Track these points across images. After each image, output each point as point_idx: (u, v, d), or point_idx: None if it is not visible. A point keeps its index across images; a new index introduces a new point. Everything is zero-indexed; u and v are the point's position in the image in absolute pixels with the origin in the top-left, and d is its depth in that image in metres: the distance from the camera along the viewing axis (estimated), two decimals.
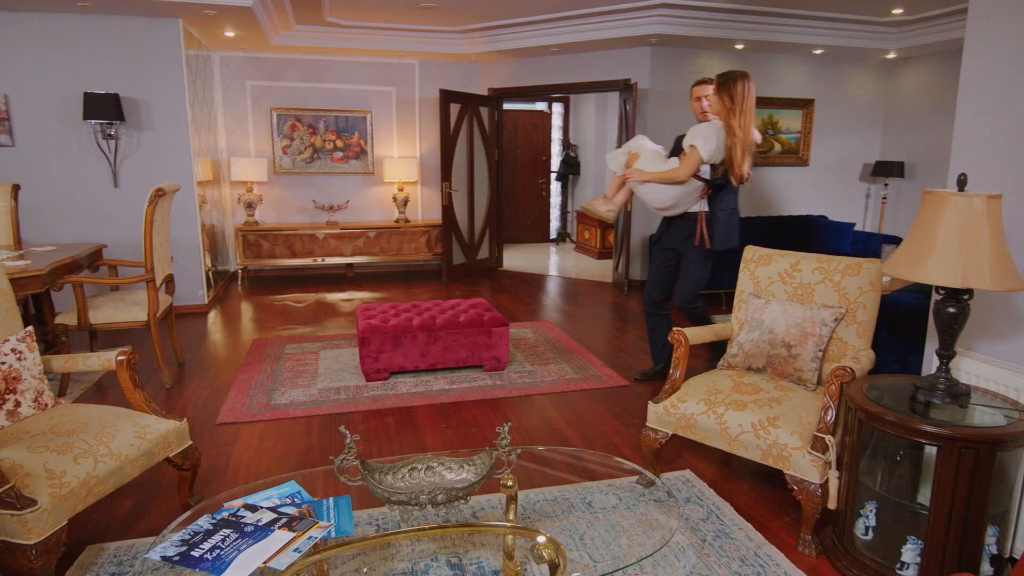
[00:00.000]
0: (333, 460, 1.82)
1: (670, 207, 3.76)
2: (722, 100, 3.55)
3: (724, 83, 3.57)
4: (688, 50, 6.75)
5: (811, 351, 2.68)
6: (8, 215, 4.40)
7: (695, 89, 3.90)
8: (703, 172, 3.65)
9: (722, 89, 3.56)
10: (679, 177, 3.60)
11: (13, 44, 5.13)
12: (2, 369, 2.31)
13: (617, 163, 3.86)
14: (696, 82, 3.92)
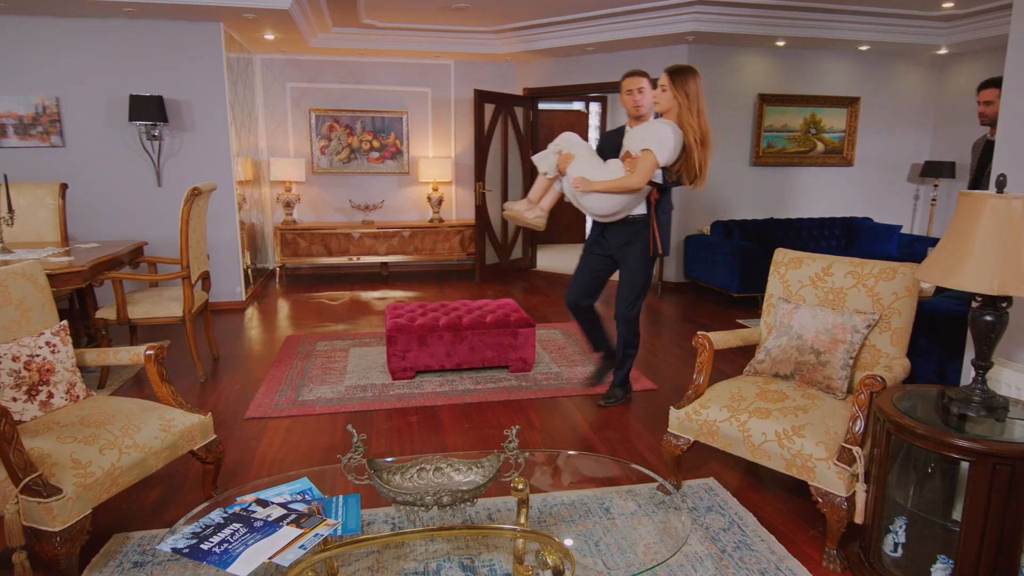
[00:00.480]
0: (340, 458, 1.83)
1: (614, 214, 3.44)
2: (677, 97, 3.22)
3: (679, 78, 3.22)
4: (726, 48, 6.61)
5: (841, 358, 2.58)
6: (56, 213, 4.58)
7: (627, 81, 3.47)
8: (655, 176, 3.32)
9: (677, 85, 3.21)
10: (635, 186, 3.25)
11: (64, 49, 5.34)
12: (36, 361, 2.40)
13: (548, 164, 3.45)
14: (628, 73, 3.49)
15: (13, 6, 4.95)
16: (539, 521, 2.52)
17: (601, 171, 3.33)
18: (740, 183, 7.01)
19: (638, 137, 3.28)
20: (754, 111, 6.86)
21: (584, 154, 3.37)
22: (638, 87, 3.44)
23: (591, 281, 3.69)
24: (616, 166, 3.34)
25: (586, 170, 3.32)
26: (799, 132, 7.02)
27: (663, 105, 3.27)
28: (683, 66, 3.28)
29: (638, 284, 3.56)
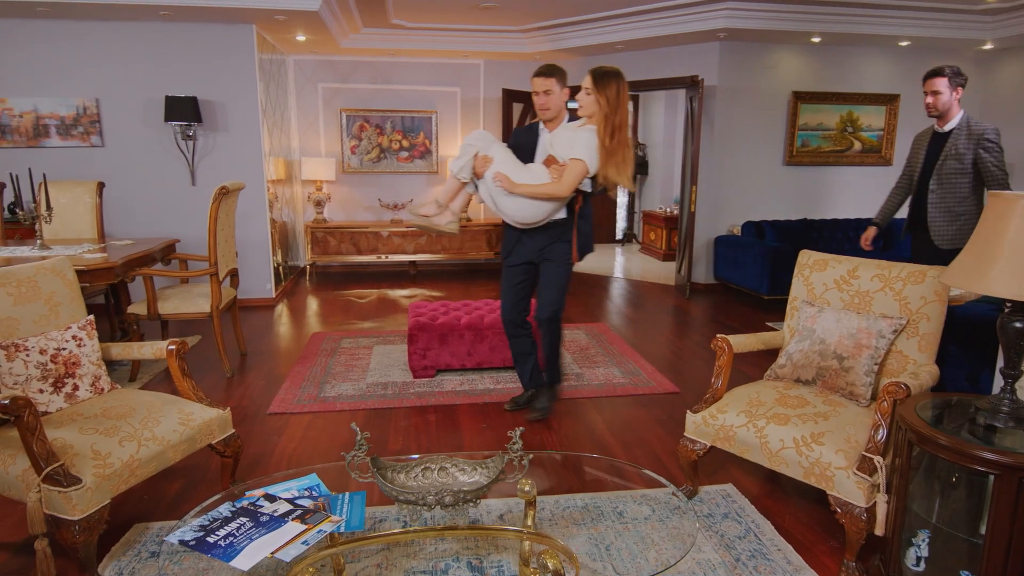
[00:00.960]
0: (344, 456, 1.84)
1: (536, 222, 3.25)
2: (599, 101, 3.04)
3: (603, 82, 3.05)
4: (760, 45, 6.47)
5: (865, 364, 2.50)
6: (93, 211, 4.73)
7: (534, 81, 3.24)
8: (583, 184, 3.18)
9: (600, 89, 3.04)
10: (562, 195, 3.10)
11: (104, 51, 5.51)
12: (63, 355, 2.47)
13: (463, 169, 3.22)
14: (536, 72, 3.25)
15: (56, 11, 5.13)
16: (551, 523, 2.50)
17: (523, 175, 3.14)
18: (772, 183, 6.86)
19: (565, 143, 3.12)
20: (788, 109, 6.70)
21: (503, 156, 3.18)
22: (544, 89, 3.21)
23: (518, 292, 3.50)
24: (540, 171, 3.16)
25: (507, 173, 3.14)
26: (835, 131, 6.84)
27: (586, 109, 3.09)
28: (607, 68, 3.10)
29: (560, 285, 3.39)
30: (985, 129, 3.61)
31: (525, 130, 3.43)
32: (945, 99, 3.64)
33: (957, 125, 3.67)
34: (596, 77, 3.07)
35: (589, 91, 3.06)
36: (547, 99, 3.21)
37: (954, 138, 3.66)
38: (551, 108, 3.23)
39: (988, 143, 3.58)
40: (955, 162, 3.66)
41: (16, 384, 2.32)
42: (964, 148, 3.63)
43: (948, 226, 3.74)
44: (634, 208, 10.61)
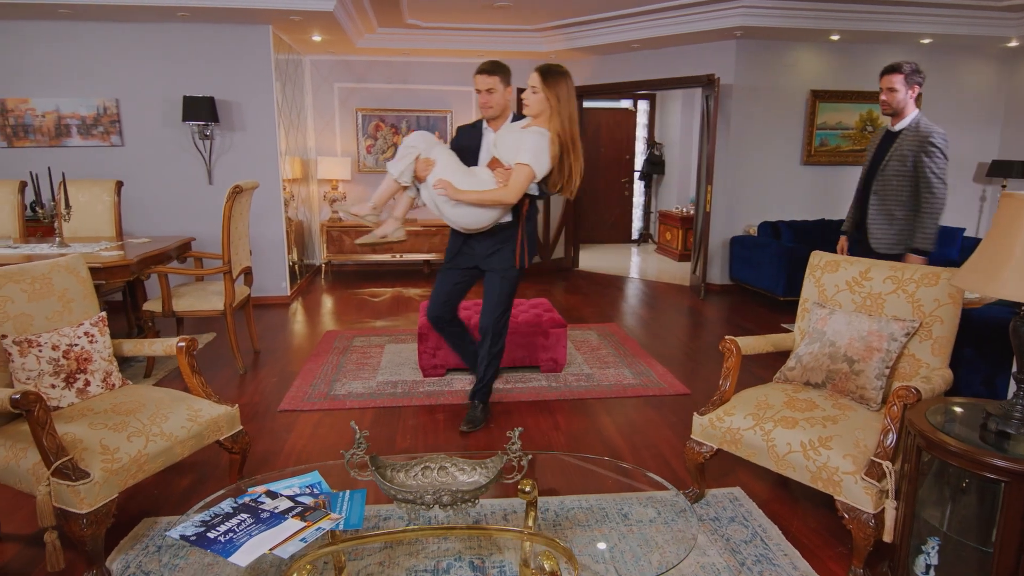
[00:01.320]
0: (343, 454, 1.85)
1: (483, 228, 3.15)
2: (548, 99, 2.94)
3: (551, 79, 2.94)
4: (777, 42, 6.39)
5: (876, 367, 2.46)
6: (111, 209, 4.81)
7: (479, 79, 3.12)
8: (531, 188, 3.09)
9: (549, 86, 2.93)
10: (509, 201, 3.01)
11: (123, 52, 5.60)
12: (75, 351, 2.51)
13: (403, 171, 3.06)
14: (479, 69, 3.13)
15: (77, 12, 5.22)
16: (555, 525, 2.49)
17: (468, 180, 3.02)
18: (790, 183, 6.77)
19: (510, 146, 3.01)
20: (806, 108, 6.61)
21: (446, 160, 3.05)
22: (487, 87, 3.09)
23: (452, 292, 3.41)
24: (485, 176, 3.04)
25: (451, 178, 3.01)
26: (854, 130, 6.73)
27: (533, 108, 2.98)
28: (554, 66, 3.01)
29: (506, 293, 3.29)
30: (932, 132, 3.40)
31: (468, 129, 3.32)
32: (900, 97, 3.47)
33: (907, 125, 3.50)
34: (544, 75, 2.95)
35: (536, 89, 2.95)
36: (489, 97, 3.10)
37: (902, 139, 3.50)
38: (494, 107, 3.13)
39: (931, 148, 3.37)
40: (898, 163, 3.49)
41: (29, 379, 2.36)
42: (908, 150, 3.45)
43: (886, 230, 3.57)
44: (650, 208, 10.55)
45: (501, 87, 3.11)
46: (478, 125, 3.30)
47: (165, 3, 5.06)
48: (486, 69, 3.12)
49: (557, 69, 2.98)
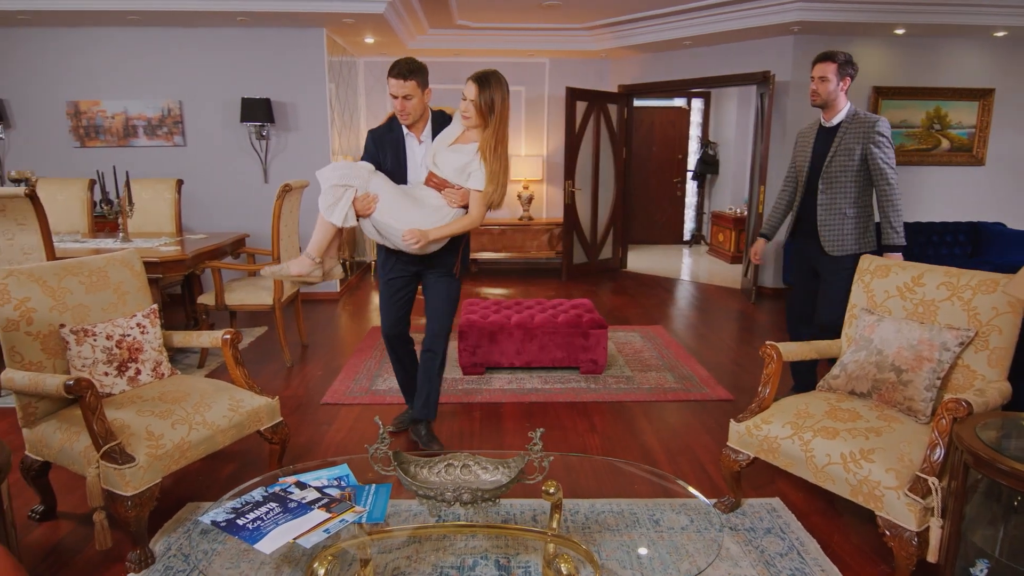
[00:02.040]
0: (367, 448, 1.88)
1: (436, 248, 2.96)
2: (484, 112, 2.75)
3: (488, 90, 2.74)
4: (837, 38, 6.14)
5: (926, 378, 2.33)
6: (172, 206, 5.03)
7: (394, 84, 2.81)
8: None
9: (485, 98, 2.73)
10: (476, 226, 2.94)
11: (187, 56, 5.85)
12: (127, 341, 2.64)
13: (344, 215, 2.83)
14: (395, 73, 2.81)
15: (145, 18, 5.48)
16: (584, 527, 2.47)
17: (416, 207, 2.83)
18: None
19: (455, 167, 2.83)
20: (868, 106, 6.34)
21: (388, 191, 2.83)
22: (403, 93, 2.80)
23: (400, 306, 3.17)
24: (433, 200, 2.85)
25: (401, 211, 2.81)
26: (920, 128, 6.41)
27: (473, 120, 2.79)
28: (489, 73, 2.79)
29: (453, 299, 3.13)
30: (876, 121, 3.22)
31: (385, 135, 3.00)
32: (831, 88, 3.26)
33: (845, 118, 3.29)
34: (481, 85, 2.75)
35: (473, 100, 2.75)
36: (407, 104, 2.84)
37: (843, 132, 3.28)
38: (411, 113, 2.87)
39: (879, 137, 3.20)
40: (844, 158, 3.28)
41: (84, 367, 2.49)
42: (853, 143, 3.25)
43: (839, 230, 3.36)
44: (703, 208, 10.32)
45: (419, 92, 2.85)
46: (396, 129, 2.99)
47: (226, 8, 5.25)
48: (402, 73, 2.79)
49: (494, 77, 2.79)
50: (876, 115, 3.26)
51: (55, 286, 2.54)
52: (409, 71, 2.80)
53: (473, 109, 2.77)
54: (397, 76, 2.81)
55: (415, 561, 2.28)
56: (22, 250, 3.63)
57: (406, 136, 2.98)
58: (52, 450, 2.38)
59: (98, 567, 2.27)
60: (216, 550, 2.36)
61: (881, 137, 3.21)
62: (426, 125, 2.98)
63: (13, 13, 5.20)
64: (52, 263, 2.61)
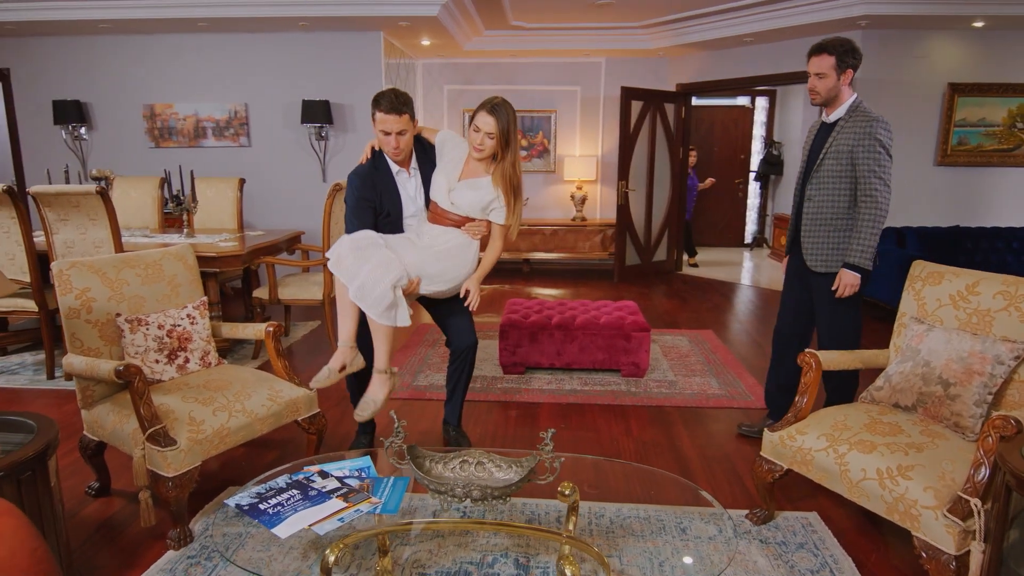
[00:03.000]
0: (383, 441, 1.92)
1: None
2: (499, 144, 2.66)
3: (504, 118, 2.64)
4: (908, 32, 5.84)
5: (976, 393, 2.19)
6: (234, 204, 5.28)
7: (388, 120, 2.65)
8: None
9: (502, 129, 2.63)
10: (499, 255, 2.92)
11: (252, 60, 6.13)
12: (177, 330, 2.79)
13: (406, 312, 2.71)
14: (388, 108, 2.64)
15: (214, 25, 5.77)
16: (607, 531, 2.45)
17: (442, 258, 2.76)
18: (920, 185, 6.17)
19: (477, 205, 2.74)
20: (942, 103, 5.99)
21: (412, 253, 2.71)
22: (397, 130, 2.65)
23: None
24: (443, 238, 2.77)
25: (437, 270, 2.74)
26: (1001, 127, 6.01)
27: (487, 152, 2.69)
28: (498, 101, 2.67)
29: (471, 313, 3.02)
30: (874, 123, 2.75)
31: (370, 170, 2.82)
32: (830, 84, 2.83)
33: (844, 113, 2.85)
34: (498, 115, 2.63)
35: (492, 134, 2.65)
36: (400, 140, 2.69)
37: (838, 131, 2.85)
38: (405, 149, 2.73)
39: (873, 143, 2.75)
40: (833, 161, 2.86)
41: (136, 354, 2.65)
42: (845, 144, 2.82)
43: (822, 243, 2.95)
44: (766, 211, 9.99)
45: (412, 125, 2.71)
46: (382, 166, 2.82)
47: (288, 14, 5.47)
48: (394, 108, 2.62)
49: (504, 105, 2.68)
50: (877, 114, 2.81)
51: (113, 277, 2.71)
52: (402, 104, 2.65)
53: (490, 142, 2.66)
54: (389, 111, 2.63)
55: (436, 555, 2.32)
56: (93, 243, 3.89)
57: (395, 173, 2.84)
58: (106, 431, 2.54)
59: (142, 542, 2.41)
60: (250, 533, 2.46)
61: (875, 143, 2.76)
62: (412, 155, 2.85)
63: (96, 22, 5.58)
64: (111, 256, 2.79)
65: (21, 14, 5.51)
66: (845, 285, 2.92)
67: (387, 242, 2.69)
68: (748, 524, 2.54)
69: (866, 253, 2.85)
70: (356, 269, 2.57)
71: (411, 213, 2.91)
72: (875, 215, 2.81)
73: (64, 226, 3.89)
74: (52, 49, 6.22)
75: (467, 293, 2.84)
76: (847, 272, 2.91)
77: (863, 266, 2.88)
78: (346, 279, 2.61)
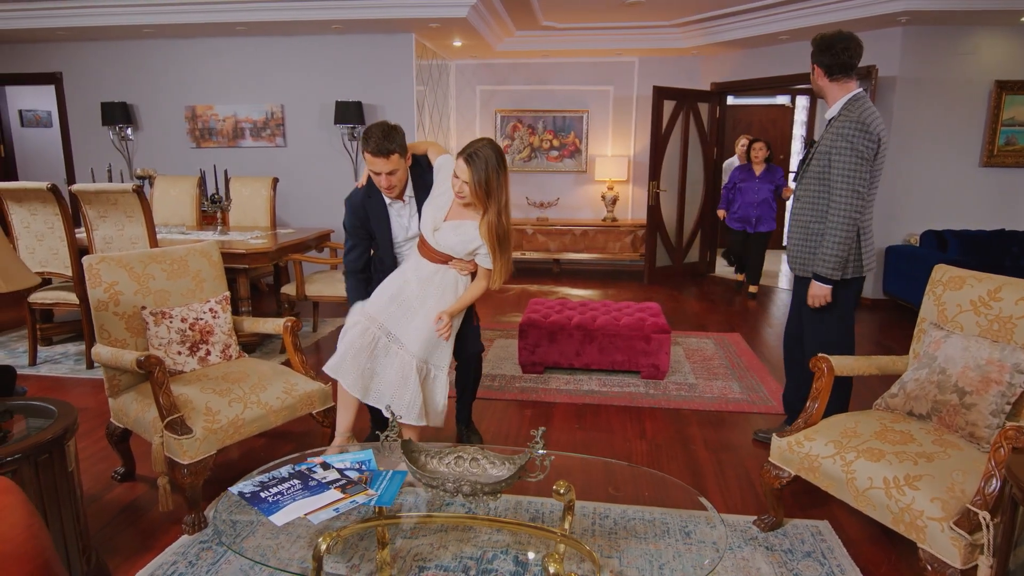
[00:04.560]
0: (379, 435, 1.96)
1: None
2: (478, 194, 2.53)
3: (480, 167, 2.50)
4: (952, 28, 5.63)
5: (992, 402, 2.11)
6: (267, 202, 5.43)
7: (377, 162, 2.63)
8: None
9: (478, 179, 2.50)
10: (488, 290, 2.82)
11: (288, 62, 6.29)
12: (200, 324, 2.90)
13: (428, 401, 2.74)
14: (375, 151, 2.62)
15: (251, 29, 5.95)
16: (610, 532, 2.44)
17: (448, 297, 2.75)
18: (964, 187, 5.94)
19: (461, 250, 2.69)
20: (989, 101, 5.75)
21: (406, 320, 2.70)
22: (387, 171, 2.62)
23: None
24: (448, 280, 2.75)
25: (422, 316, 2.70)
26: None
27: (469, 198, 2.57)
28: (479, 146, 2.53)
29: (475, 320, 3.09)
30: (852, 122, 2.61)
31: (363, 198, 2.85)
32: (816, 80, 2.80)
33: (836, 113, 2.74)
34: (473, 165, 2.49)
35: (467, 183, 2.52)
36: (392, 178, 2.66)
37: (827, 130, 2.75)
38: (397, 186, 2.71)
39: (844, 144, 2.61)
40: (816, 163, 2.76)
41: (160, 345, 2.76)
42: (826, 144, 2.71)
43: (800, 246, 2.88)
44: None
45: (403, 162, 2.67)
46: (375, 194, 2.82)
47: (322, 17, 5.60)
48: (381, 150, 2.57)
49: (484, 151, 2.52)
50: (860, 114, 2.64)
51: (140, 272, 2.83)
52: (390, 143, 2.58)
53: (468, 190, 2.54)
54: (376, 154, 2.59)
55: (438, 548, 2.36)
56: (130, 239, 4.06)
57: (388, 204, 2.83)
58: (130, 418, 2.66)
59: (160, 526, 2.52)
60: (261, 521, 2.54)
61: (845, 143, 2.63)
62: (408, 184, 2.80)
63: (140, 27, 5.82)
64: (139, 252, 2.91)
65: (72, 20, 5.78)
66: (813, 296, 2.83)
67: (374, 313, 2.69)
68: (755, 530, 2.50)
69: (829, 263, 2.73)
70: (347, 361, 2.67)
71: (403, 239, 2.92)
72: (838, 223, 2.69)
73: (103, 223, 4.08)
74: (100, 53, 6.50)
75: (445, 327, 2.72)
76: (814, 283, 2.82)
77: (829, 276, 2.75)
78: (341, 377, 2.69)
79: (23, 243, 4.15)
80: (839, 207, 2.69)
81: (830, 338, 2.87)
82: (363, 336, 2.68)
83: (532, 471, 1.83)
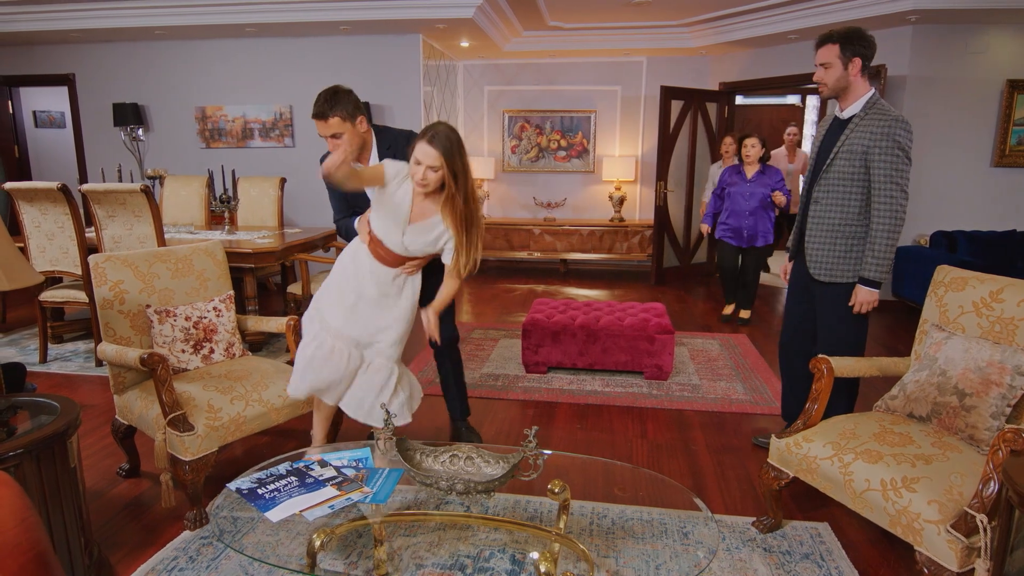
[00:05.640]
0: (374, 433, 1.98)
1: None
2: (448, 180, 2.37)
3: (451, 152, 2.33)
4: (963, 27, 5.57)
5: (993, 405, 2.10)
6: (275, 202, 5.47)
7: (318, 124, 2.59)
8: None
9: (450, 163, 2.34)
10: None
11: (296, 63, 6.34)
12: (203, 322, 2.93)
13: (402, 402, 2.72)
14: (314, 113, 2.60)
15: (261, 30, 6.00)
16: (608, 532, 2.45)
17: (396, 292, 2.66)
18: (974, 187, 5.87)
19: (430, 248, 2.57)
20: (1000, 101, 5.69)
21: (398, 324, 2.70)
22: (329, 134, 2.55)
23: None
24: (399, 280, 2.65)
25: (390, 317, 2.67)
26: None
27: (434, 185, 2.39)
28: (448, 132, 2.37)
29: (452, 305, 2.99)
30: (894, 121, 2.54)
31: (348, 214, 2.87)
32: (836, 74, 2.63)
33: (860, 110, 2.65)
34: (437, 145, 2.33)
35: (436, 167, 2.34)
36: (336, 142, 2.58)
37: (851, 129, 2.65)
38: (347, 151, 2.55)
39: (891, 145, 2.55)
40: (845, 162, 2.66)
41: (164, 343, 2.80)
42: (860, 143, 2.61)
43: (827, 251, 2.77)
44: None
45: (348, 125, 2.54)
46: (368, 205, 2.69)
47: (330, 19, 5.64)
48: (320, 112, 2.50)
49: (453, 136, 2.38)
50: (897, 113, 2.60)
51: (145, 271, 2.86)
52: (330, 106, 2.50)
53: (434, 175, 2.35)
54: (315, 116, 2.53)
55: (435, 546, 2.37)
56: (138, 239, 4.11)
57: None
58: (134, 415, 2.70)
59: (163, 521, 2.55)
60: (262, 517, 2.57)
61: (894, 146, 2.57)
62: (371, 152, 2.72)
63: (151, 28, 5.88)
64: (144, 251, 2.94)
65: (85, 22, 5.86)
66: (861, 302, 2.73)
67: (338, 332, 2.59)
68: (754, 532, 2.49)
69: (882, 266, 2.66)
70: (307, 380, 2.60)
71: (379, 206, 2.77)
72: (891, 225, 2.62)
73: (112, 222, 4.13)
74: (112, 55, 6.58)
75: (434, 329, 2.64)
76: (863, 288, 2.71)
77: (877, 279, 2.68)
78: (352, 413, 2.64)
79: (34, 242, 4.21)
80: (888, 207, 2.62)
81: (847, 344, 2.80)
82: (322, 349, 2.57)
83: (526, 470, 1.84)
